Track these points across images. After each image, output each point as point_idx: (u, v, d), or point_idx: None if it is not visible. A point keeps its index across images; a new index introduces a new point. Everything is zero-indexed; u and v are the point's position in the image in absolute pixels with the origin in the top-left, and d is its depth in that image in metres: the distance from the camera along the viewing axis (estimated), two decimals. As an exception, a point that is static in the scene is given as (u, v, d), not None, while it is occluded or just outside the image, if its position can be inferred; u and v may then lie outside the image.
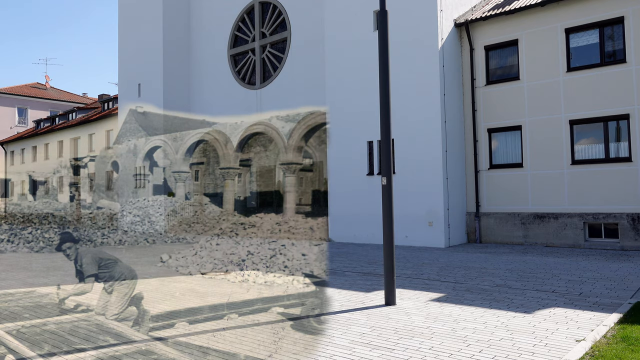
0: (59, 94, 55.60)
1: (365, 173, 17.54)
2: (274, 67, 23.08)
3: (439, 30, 15.88)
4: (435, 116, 15.77)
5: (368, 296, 8.11)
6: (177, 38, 26.73)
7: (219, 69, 25.46)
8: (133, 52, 28.23)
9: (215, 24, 25.84)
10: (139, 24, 27.85)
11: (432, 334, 5.80)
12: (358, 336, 5.75)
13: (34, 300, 7.99)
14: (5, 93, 50.11)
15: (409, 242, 16.11)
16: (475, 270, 10.59)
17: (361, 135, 17.65)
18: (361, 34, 17.67)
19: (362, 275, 10.30)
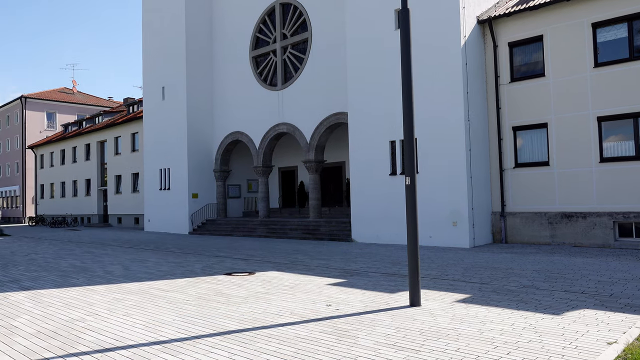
0: (85, 98, 56.84)
1: (387, 173, 17.45)
2: (295, 68, 23.14)
3: (462, 28, 15.70)
4: (459, 115, 15.59)
5: (392, 297, 8.07)
6: (200, 41, 27.03)
7: (240, 70, 25.64)
8: (157, 56, 28.65)
9: (236, 26, 26.04)
10: (162, 28, 28.24)
11: (458, 336, 5.73)
12: (383, 337, 5.72)
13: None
14: (35, 98, 51.47)
15: (433, 243, 15.96)
16: (501, 271, 10.43)
17: (383, 135, 17.56)
18: (382, 33, 17.59)
19: (385, 276, 10.24)
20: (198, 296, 8.47)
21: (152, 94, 28.95)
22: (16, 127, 51.99)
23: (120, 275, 11.23)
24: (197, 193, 26.48)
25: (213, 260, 13.85)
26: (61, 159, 43.57)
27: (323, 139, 21.81)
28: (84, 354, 5.29)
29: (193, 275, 10.92)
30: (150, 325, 6.54)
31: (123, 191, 35.30)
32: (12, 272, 11.92)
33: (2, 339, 5.97)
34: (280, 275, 10.77)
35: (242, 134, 25.38)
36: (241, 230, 23.86)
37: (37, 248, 18.91)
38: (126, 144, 34.94)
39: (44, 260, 14.57)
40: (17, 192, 51.44)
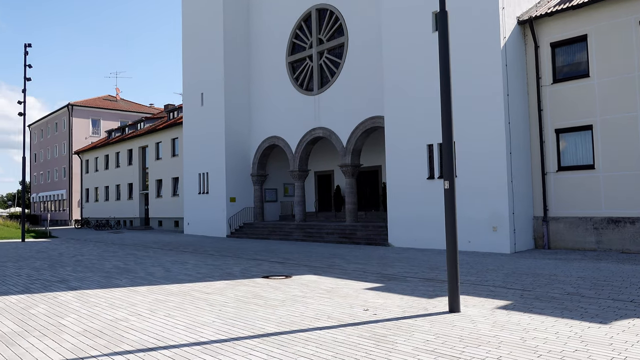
0: (128, 105, 58.71)
1: (425, 177, 17.24)
2: (331, 73, 23.20)
3: (501, 29, 15.38)
4: (499, 117, 15.26)
5: (431, 302, 7.95)
6: (237, 47, 27.49)
7: (277, 76, 25.92)
8: (196, 63, 29.31)
9: (273, 33, 26.35)
10: (201, 36, 28.88)
11: (499, 343, 5.59)
12: (422, 343, 5.64)
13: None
14: (81, 106, 53.53)
15: (472, 248, 15.65)
16: (544, 278, 10.12)
17: (421, 139, 17.38)
18: (419, 35, 17.44)
19: (423, 281, 10.11)
20: (236, 298, 8.58)
21: (192, 100, 29.62)
22: (63, 134, 54.16)
23: (161, 276, 11.51)
24: (234, 197, 26.88)
25: (251, 263, 14.01)
26: (105, 164, 45.09)
27: (359, 143, 21.76)
28: (128, 353, 5.44)
29: (231, 278, 11.08)
30: (190, 326, 6.67)
31: (163, 195, 36.21)
32: (60, 273, 12.41)
33: (52, 336, 6.22)
34: (317, 279, 10.79)
35: (279, 139, 25.62)
36: (278, 233, 24.05)
37: (83, 250, 19.61)
38: (166, 149, 35.84)
39: (89, 261, 15.10)
40: (64, 195, 53.52)
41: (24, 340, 6.04)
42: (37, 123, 61.94)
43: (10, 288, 10.12)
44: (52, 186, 56.88)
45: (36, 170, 62.12)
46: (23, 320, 7.13)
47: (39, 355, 5.40)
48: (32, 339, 6.12)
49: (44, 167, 59.54)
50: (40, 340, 6.06)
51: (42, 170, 60.30)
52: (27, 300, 8.76)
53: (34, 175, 62.92)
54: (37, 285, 10.48)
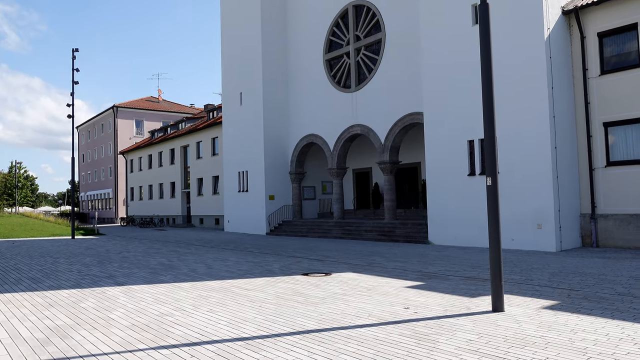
0: (170, 105, 60.21)
1: (466, 173, 16.92)
2: (369, 69, 23.07)
3: (545, 20, 14.89)
4: (543, 111, 14.79)
5: (473, 301, 7.80)
6: (275, 47, 27.73)
7: (314, 74, 25.99)
8: (234, 63, 29.75)
9: (310, 31, 26.43)
10: (240, 36, 29.29)
11: (546, 344, 5.43)
12: (465, 343, 5.55)
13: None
14: (125, 107, 55.29)
15: (515, 246, 15.26)
16: (592, 277, 9.76)
17: (461, 135, 17.06)
18: (459, 29, 17.10)
19: (465, 280, 9.93)
20: (277, 295, 8.68)
21: (231, 99, 30.09)
22: (109, 135, 56.09)
23: (203, 273, 11.77)
24: (273, 195, 27.15)
25: (290, 260, 14.13)
26: (148, 163, 46.41)
27: (398, 139, 21.56)
28: (173, 347, 5.60)
29: (271, 275, 11.21)
30: (232, 322, 6.79)
31: (204, 193, 36.97)
32: (108, 269, 12.87)
33: (102, 330, 6.46)
34: (357, 276, 10.77)
35: (317, 137, 25.69)
36: (316, 231, 24.15)
37: (129, 246, 20.27)
38: (207, 149, 36.56)
39: (135, 258, 15.59)
40: (110, 194, 55.45)
41: (76, 333, 6.30)
42: (85, 125, 64.37)
43: (62, 283, 10.57)
44: (99, 185, 59.04)
45: (84, 170, 64.62)
46: (74, 314, 7.43)
47: (90, 348, 5.62)
48: (84, 331, 6.38)
49: (92, 167, 61.85)
50: (91, 333, 6.30)
51: (89, 170, 62.67)
52: (77, 294, 9.13)
53: (82, 175, 65.48)
54: (86, 280, 10.91)
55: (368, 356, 5.14)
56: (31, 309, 7.82)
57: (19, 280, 11.00)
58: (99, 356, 5.30)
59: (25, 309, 7.88)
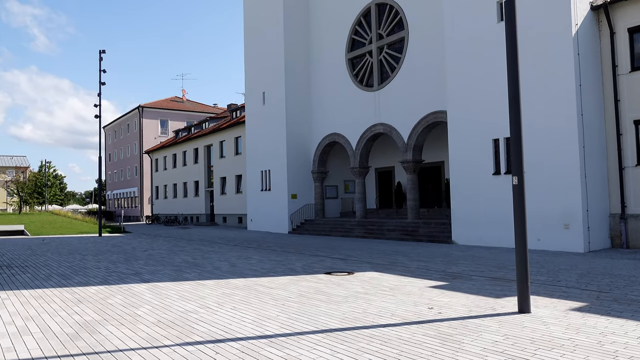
0: (193, 105, 60.95)
1: (491, 173, 16.69)
2: (392, 68, 22.93)
3: (573, 16, 14.57)
4: (570, 109, 14.48)
5: (498, 302, 7.69)
6: (297, 46, 27.80)
7: (337, 73, 25.96)
8: (257, 62, 29.94)
9: (332, 30, 26.41)
10: (262, 36, 29.46)
11: (574, 347, 5.32)
12: (490, 344, 5.47)
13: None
14: (150, 107, 56.18)
15: (541, 246, 14.98)
16: (622, 279, 9.51)
17: (486, 133, 16.83)
18: (484, 26, 16.87)
19: (490, 280, 9.79)
20: (300, 294, 8.70)
21: (253, 99, 30.29)
22: (135, 134, 57.08)
23: (227, 271, 11.88)
24: (296, 194, 27.24)
25: (313, 259, 14.15)
26: (173, 162, 47.07)
27: (421, 138, 21.39)
28: (198, 344, 5.67)
29: (294, 274, 11.25)
30: (256, 319, 6.84)
31: (228, 192, 37.32)
32: (134, 266, 13.10)
33: (129, 325, 6.58)
34: (380, 276, 10.73)
35: (339, 136, 25.67)
36: (339, 230, 24.13)
37: (154, 244, 20.60)
38: (230, 148, 36.89)
39: (160, 255, 15.83)
40: (136, 193, 56.44)
41: (103, 329, 6.43)
42: (111, 124, 65.64)
43: (91, 279, 10.81)
44: (125, 184, 60.13)
45: (110, 169, 65.90)
46: (102, 310, 7.59)
47: (117, 343, 5.74)
48: (111, 327, 6.51)
49: (118, 166, 63.04)
50: (118, 328, 6.43)
51: (116, 169, 63.89)
52: (105, 291, 9.32)
53: (108, 174, 66.80)
54: (113, 277, 11.13)
55: (392, 356, 5.12)
56: (61, 305, 8.02)
57: (49, 277, 11.29)
58: (126, 351, 5.40)
59: (55, 304, 8.08)
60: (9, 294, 9.03)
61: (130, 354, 5.29)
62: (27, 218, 42.36)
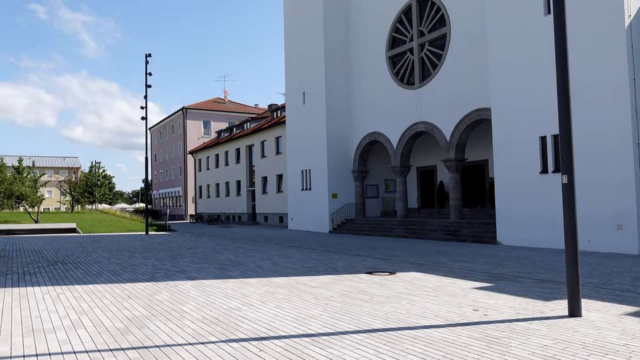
0: (235, 106, 61.96)
1: (538, 171, 16.17)
2: (433, 65, 22.58)
3: (626, 6, 13.91)
4: (624, 104, 13.84)
5: (547, 305, 7.44)
6: (337, 45, 27.79)
7: (377, 71, 25.79)
8: (297, 63, 30.13)
9: (372, 28, 26.25)
10: (302, 37, 29.62)
11: (630, 353, 5.08)
12: (539, 348, 5.30)
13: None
14: (193, 109, 57.51)
15: (592, 248, 14.40)
16: (682, 282, 9.02)
17: (532, 130, 16.32)
18: (529, 19, 16.36)
19: (538, 282, 9.49)
20: (342, 293, 8.70)
21: (294, 99, 30.50)
22: (179, 135, 58.58)
23: (269, 269, 12.02)
24: (336, 193, 27.25)
25: (354, 258, 14.12)
26: (215, 162, 48.03)
27: (464, 136, 20.96)
28: (242, 341, 5.76)
29: (335, 273, 11.25)
30: (299, 318, 6.88)
31: (269, 191, 37.75)
32: (179, 264, 13.45)
33: (175, 321, 6.76)
34: (422, 276, 10.59)
35: (380, 134, 25.50)
36: (379, 230, 23.98)
37: (198, 242, 21.07)
38: (271, 148, 37.30)
39: (204, 253, 16.18)
40: (180, 192, 57.92)
41: (152, 324, 6.63)
42: (156, 126, 67.59)
43: (139, 276, 11.16)
44: (170, 184, 61.81)
45: (156, 169, 67.90)
46: (150, 306, 7.83)
47: (165, 338, 5.90)
48: (159, 322, 6.70)
49: (163, 167, 64.88)
50: (166, 324, 6.61)
51: (161, 169, 65.78)
52: (152, 287, 9.60)
53: (154, 173, 68.85)
54: (160, 274, 11.45)
55: (436, 358, 5.04)
56: (111, 300, 8.32)
57: (100, 273, 11.74)
58: (174, 347, 5.54)
59: (106, 299, 8.39)
60: (64, 289, 9.45)
61: (177, 349, 5.43)
62: (79, 216, 44.22)
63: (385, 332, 6.07)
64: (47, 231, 32.09)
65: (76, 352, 5.40)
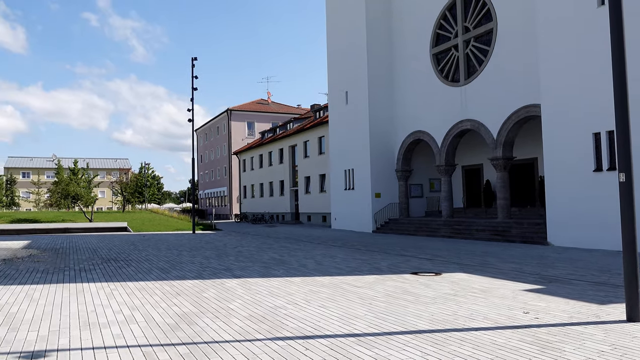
0: (278, 107, 62.64)
1: (591, 169, 15.51)
2: (479, 61, 22.05)
3: (688, -6, 13.12)
4: (686, 98, 13.05)
5: (603, 309, 7.12)
6: (380, 44, 27.59)
7: (420, 69, 25.43)
8: (340, 62, 30.13)
9: (415, 25, 25.91)
10: (344, 36, 29.58)
11: (696, 362, 4.78)
12: (595, 354, 5.07)
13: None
14: (238, 110, 58.53)
15: (651, 249, 13.65)
16: None
17: (585, 127, 15.67)
18: (582, 11, 15.71)
19: (592, 285, 9.10)
20: (386, 293, 8.63)
21: (336, 99, 30.52)
22: (224, 137, 59.77)
23: (313, 269, 12.07)
24: (379, 192, 27.08)
25: (398, 259, 13.98)
26: (259, 162, 48.72)
27: (512, 134, 20.37)
28: (288, 339, 5.80)
29: (380, 273, 11.18)
30: (343, 317, 6.87)
31: (312, 191, 37.93)
32: (225, 262, 13.72)
33: (223, 319, 6.90)
34: (469, 277, 10.36)
35: (424, 133, 25.14)
36: (424, 230, 23.64)
37: (243, 241, 21.43)
38: (314, 148, 37.47)
39: (249, 252, 16.44)
40: (225, 192, 59.09)
41: (200, 321, 6.79)
42: (202, 127, 69.23)
43: (187, 273, 11.47)
44: (216, 184, 63.18)
45: (202, 169, 69.56)
46: (198, 302, 8.02)
47: (213, 335, 6.03)
48: (207, 319, 6.85)
49: (209, 167, 66.40)
50: (214, 321, 6.75)
51: (207, 169, 67.34)
52: (200, 285, 9.84)
53: (200, 174, 70.56)
54: (207, 272, 11.72)
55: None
56: (161, 297, 8.58)
57: (150, 270, 12.13)
58: (222, 343, 5.65)
59: (156, 296, 8.66)
60: (117, 285, 9.82)
61: (225, 346, 5.54)
62: (130, 216, 45.87)
63: (432, 333, 5.98)
64: (100, 230, 33.49)
65: (129, 346, 5.59)
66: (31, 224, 35.33)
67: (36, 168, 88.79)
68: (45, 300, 8.36)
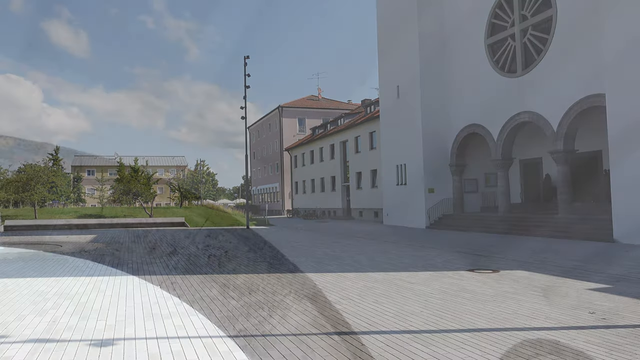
0: (329, 103, 62.73)
1: (662, 162, 14.55)
2: (537, 51, 21.14)
3: None
4: None
5: (678, 311, 6.68)
6: (432, 36, 27.02)
7: (474, 60, 24.70)
8: (391, 56, 29.76)
9: (469, 16, 25.16)
10: (396, 29, 29.16)
11: None
12: (671, 358, 4.78)
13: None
14: (289, 107, 59.13)
15: None
16: None
17: (655, 117, 14.71)
18: (652, -5, 14.72)
19: (665, 285, 8.55)
20: (442, 290, 8.48)
21: (388, 93, 30.19)
22: (275, 133, 60.57)
23: (366, 264, 12.04)
24: (433, 188, 26.59)
25: (453, 255, 13.70)
26: (310, 158, 49.02)
27: (573, 126, 19.44)
28: (343, 334, 5.82)
29: (434, 269, 10.99)
30: (398, 314, 6.82)
31: (363, 187, 37.78)
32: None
33: (279, 313, 7.00)
34: (529, 275, 10.00)
35: (478, 126, 24.44)
36: (479, 226, 23.02)
37: (296, 236, 21.68)
38: (365, 143, 37.28)
39: (302, 247, 16.61)
40: (277, 188, 59.93)
41: (256, 313, 6.93)
42: (254, 125, 70.44)
43: (241, 268, 11.73)
44: (268, 180, 64.18)
45: (254, 166, 70.84)
46: (255, 297, 8.18)
47: (269, 328, 6.14)
48: (263, 312, 6.98)
49: (261, 163, 67.53)
50: (271, 315, 6.87)
51: (259, 166, 68.51)
52: (254, 279, 10.04)
53: (253, 170, 71.89)
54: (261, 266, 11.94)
55: (549, 362, 4.74)
56: (219, 290, 8.82)
57: (207, 264, 12.48)
58: (278, 337, 5.75)
59: (214, 289, 8.91)
60: (177, 278, 10.19)
61: (281, 339, 5.63)
62: (187, 211, 47.43)
63: (491, 332, 5.82)
64: (160, 225, 34.84)
65: (190, 337, 5.80)
66: (96, 219, 37.28)
67: (100, 166, 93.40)
68: (111, 291, 8.80)
